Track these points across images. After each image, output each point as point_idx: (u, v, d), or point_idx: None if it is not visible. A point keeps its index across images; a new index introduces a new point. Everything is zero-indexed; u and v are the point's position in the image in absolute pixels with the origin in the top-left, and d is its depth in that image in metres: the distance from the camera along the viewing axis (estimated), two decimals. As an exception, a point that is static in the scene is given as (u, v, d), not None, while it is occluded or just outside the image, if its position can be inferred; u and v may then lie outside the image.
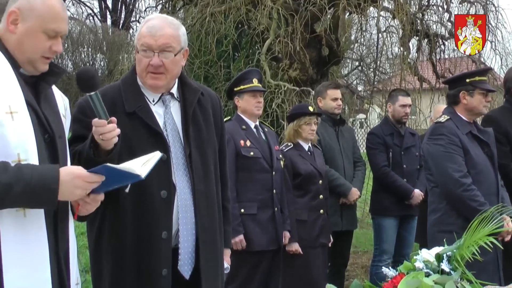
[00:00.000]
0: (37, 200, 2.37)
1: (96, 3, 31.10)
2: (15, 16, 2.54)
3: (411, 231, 6.89)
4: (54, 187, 2.37)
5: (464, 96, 4.82)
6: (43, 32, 2.54)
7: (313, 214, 5.64)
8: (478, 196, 4.54)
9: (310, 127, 5.71)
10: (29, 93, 2.53)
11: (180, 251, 3.19)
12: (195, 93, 3.36)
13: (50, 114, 2.61)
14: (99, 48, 23.53)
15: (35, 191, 2.33)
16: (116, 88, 3.29)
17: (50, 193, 2.37)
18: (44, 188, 2.35)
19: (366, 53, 13.35)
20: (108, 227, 3.19)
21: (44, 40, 2.55)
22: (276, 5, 9.62)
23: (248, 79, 5.34)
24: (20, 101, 2.45)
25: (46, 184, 2.36)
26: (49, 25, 2.55)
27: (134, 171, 2.46)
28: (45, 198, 2.37)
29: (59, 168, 2.42)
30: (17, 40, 2.54)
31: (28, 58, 2.55)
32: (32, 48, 2.54)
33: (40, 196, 2.36)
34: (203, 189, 3.26)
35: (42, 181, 2.35)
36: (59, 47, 2.60)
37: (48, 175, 2.38)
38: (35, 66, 2.58)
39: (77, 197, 2.48)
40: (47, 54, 2.58)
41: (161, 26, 3.17)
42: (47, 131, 2.55)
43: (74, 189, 2.42)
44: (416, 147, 6.76)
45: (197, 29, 10.60)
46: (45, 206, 2.41)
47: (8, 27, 2.55)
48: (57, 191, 2.37)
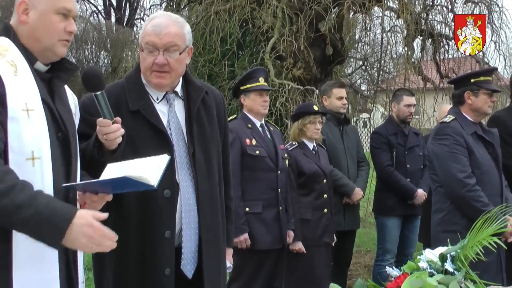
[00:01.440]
0: (42, 233, 2.25)
1: (101, 1, 31.12)
2: (25, 6, 2.54)
3: (414, 231, 6.89)
4: (62, 226, 2.24)
5: (469, 96, 4.81)
6: (55, 13, 2.54)
7: (317, 213, 5.63)
8: (482, 196, 4.53)
9: (315, 126, 5.71)
10: (44, 90, 2.52)
11: (183, 251, 3.18)
12: (199, 92, 3.35)
13: (64, 112, 2.61)
14: (103, 46, 23.53)
15: (42, 223, 2.22)
16: (120, 86, 3.28)
17: (57, 231, 2.24)
18: (53, 224, 2.23)
19: (370, 52, 13.33)
20: (111, 225, 3.15)
21: (58, 21, 2.55)
22: (281, 4, 9.61)
23: (254, 78, 5.34)
24: (36, 99, 2.44)
25: (56, 221, 2.24)
26: (59, 4, 2.55)
27: (149, 182, 2.44)
28: (50, 235, 2.25)
29: (76, 211, 2.30)
30: (31, 28, 2.54)
31: (45, 44, 2.55)
32: (48, 32, 2.54)
33: (46, 231, 2.24)
34: (207, 188, 3.26)
35: (53, 217, 2.24)
36: (73, 27, 2.60)
37: (62, 212, 2.27)
38: (54, 51, 2.57)
39: (81, 246, 2.34)
40: (64, 37, 2.58)
41: (166, 25, 3.16)
42: (61, 129, 2.55)
43: (81, 237, 2.27)
44: (419, 146, 6.75)
45: (202, 27, 10.61)
46: (47, 242, 2.28)
47: (19, 19, 2.55)
48: (65, 232, 2.24)
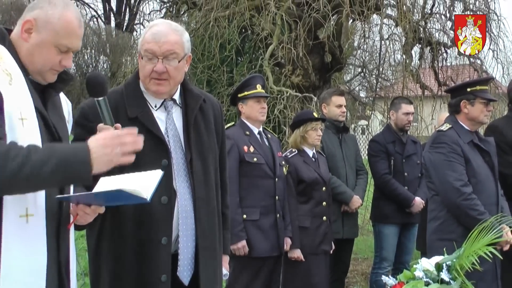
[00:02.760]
0: (72, 175, 2.35)
1: (100, 5, 31.19)
2: (30, 25, 2.53)
3: (412, 239, 6.90)
4: (86, 160, 2.34)
5: (465, 105, 4.82)
6: (55, 46, 2.54)
7: (316, 221, 5.63)
8: (478, 205, 4.54)
9: (317, 132, 5.71)
10: (38, 99, 2.53)
11: (180, 257, 3.18)
12: (197, 100, 3.37)
13: (57, 121, 2.62)
14: (103, 50, 23.57)
15: (70, 166, 2.32)
16: (119, 93, 3.29)
17: (84, 166, 2.34)
18: (78, 162, 2.33)
19: (369, 60, 13.35)
20: (108, 231, 3.19)
21: (55, 54, 2.55)
22: (280, 11, 9.64)
23: (252, 85, 5.35)
24: (30, 108, 2.45)
25: (79, 158, 2.34)
26: (62, 41, 2.54)
27: (142, 195, 2.46)
28: (80, 171, 2.34)
29: (87, 143, 2.39)
30: (28, 49, 2.54)
31: (38, 69, 2.55)
32: (42, 61, 2.54)
33: (76, 170, 2.33)
34: (204, 195, 3.27)
35: (75, 156, 2.33)
36: (69, 62, 2.60)
37: (78, 148, 2.37)
38: (43, 77, 2.58)
39: (108, 162, 2.42)
40: (56, 68, 2.58)
41: (166, 33, 3.17)
42: (55, 138, 2.56)
43: (103, 155, 2.38)
44: (417, 155, 6.76)
45: (201, 33, 10.63)
46: (80, 180, 2.41)
47: (21, 35, 2.54)
48: (91, 163, 2.34)
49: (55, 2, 2.56)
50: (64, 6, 2.57)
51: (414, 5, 10.58)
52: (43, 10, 2.54)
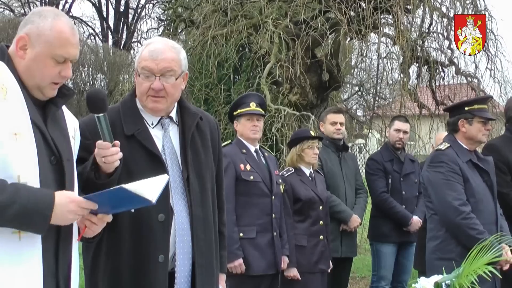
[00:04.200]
0: (29, 224, 2.35)
1: (98, 23, 31.33)
2: (24, 42, 2.52)
3: (410, 258, 6.87)
4: (47, 213, 2.36)
5: (463, 124, 4.81)
6: (52, 58, 2.52)
7: (313, 240, 5.61)
8: (477, 224, 4.52)
9: (313, 151, 5.70)
10: (37, 114, 2.51)
11: (176, 275, 3.16)
12: (194, 117, 3.36)
13: (58, 136, 2.59)
14: (100, 68, 23.60)
15: (29, 214, 2.33)
16: (116, 110, 3.28)
17: (42, 218, 2.35)
18: (38, 212, 2.34)
19: (366, 78, 13.42)
20: (105, 249, 3.17)
21: (53, 66, 2.53)
22: (278, 30, 9.67)
23: (245, 103, 5.34)
24: (25, 123, 2.43)
25: (40, 209, 2.35)
26: (57, 51, 2.52)
27: (146, 195, 2.45)
28: (37, 223, 2.36)
29: (54, 193, 2.40)
30: (25, 66, 2.52)
31: (37, 84, 2.54)
32: (41, 74, 2.52)
33: (33, 220, 2.35)
34: (200, 213, 3.25)
35: (37, 206, 2.34)
36: (68, 72, 2.58)
37: (43, 200, 2.37)
38: (43, 92, 2.56)
39: (69, 222, 2.47)
40: (56, 80, 2.57)
41: (163, 50, 3.17)
42: (54, 153, 2.53)
43: (67, 214, 2.41)
44: (415, 173, 6.75)
45: (198, 51, 10.67)
46: (35, 230, 2.39)
47: (17, 53, 2.53)
48: (50, 217, 2.37)
49: (45, 15, 2.56)
50: (55, 16, 2.56)
51: (411, 24, 10.63)
52: (35, 24, 2.53)
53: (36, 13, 2.60)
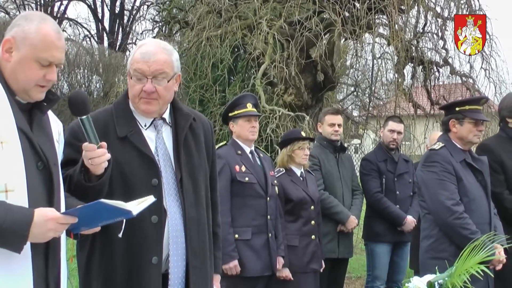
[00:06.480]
0: (5, 243, 2.34)
1: (93, 25, 31.28)
2: (9, 45, 2.53)
3: (404, 257, 6.89)
4: (23, 233, 2.35)
5: (453, 124, 4.81)
6: (36, 61, 2.52)
7: (304, 239, 5.62)
8: (469, 224, 4.53)
9: (304, 152, 5.72)
10: (23, 120, 2.52)
11: (170, 277, 3.16)
12: (187, 119, 3.36)
13: (44, 142, 2.59)
14: (95, 70, 23.53)
15: (4, 234, 2.32)
16: (109, 112, 3.28)
17: (18, 239, 2.35)
18: (14, 233, 2.33)
19: (361, 78, 13.42)
20: (98, 251, 3.17)
21: (37, 69, 2.53)
22: (272, 30, 9.69)
23: (242, 104, 5.34)
24: (12, 130, 2.43)
25: (17, 229, 2.33)
26: (41, 54, 2.52)
27: (125, 207, 2.46)
28: (13, 243, 2.35)
29: (33, 213, 2.38)
30: (11, 68, 2.53)
31: (22, 87, 2.54)
32: (25, 77, 2.52)
33: (9, 240, 2.34)
34: (194, 214, 3.25)
35: (13, 226, 2.33)
36: (53, 76, 2.58)
37: (20, 220, 2.35)
38: (29, 94, 2.57)
39: (48, 239, 2.45)
40: (42, 83, 2.56)
41: (155, 52, 3.17)
42: (41, 159, 2.53)
43: (47, 232, 2.40)
44: (409, 173, 6.76)
45: (193, 53, 10.68)
46: (11, 249, 2.36)
47: (3, 56, 2.54)
48: (26, 237, 2.35)
49: (31, 18, 2.57)
50: (41, 20, 2.57)
51: (406, 24, 10.64)
52: (20, 27, 2.54)
53: (22, 16, 2.62)
